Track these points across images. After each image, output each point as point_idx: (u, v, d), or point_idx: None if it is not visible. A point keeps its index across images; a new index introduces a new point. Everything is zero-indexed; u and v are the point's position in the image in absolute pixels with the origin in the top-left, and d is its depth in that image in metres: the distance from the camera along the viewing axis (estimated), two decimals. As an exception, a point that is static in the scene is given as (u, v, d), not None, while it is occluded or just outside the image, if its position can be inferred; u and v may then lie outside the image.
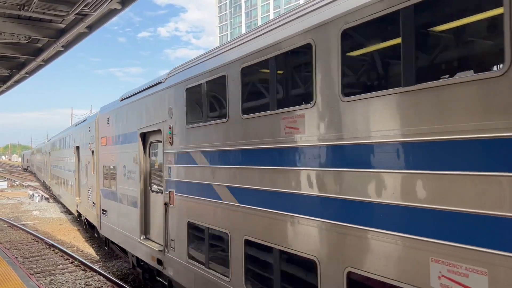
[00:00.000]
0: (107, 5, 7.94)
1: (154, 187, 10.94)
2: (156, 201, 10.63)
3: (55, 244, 18.86)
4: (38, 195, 37.51)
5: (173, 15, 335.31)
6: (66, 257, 16.93)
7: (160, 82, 10.42)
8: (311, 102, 5.22)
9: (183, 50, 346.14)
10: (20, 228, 23.24)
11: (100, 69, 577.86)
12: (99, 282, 13.67)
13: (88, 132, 18.48)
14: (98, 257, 17.42)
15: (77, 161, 22.23)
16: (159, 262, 10.18)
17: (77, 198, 22.24)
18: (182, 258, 9.02)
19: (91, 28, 10.05)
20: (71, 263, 16.10)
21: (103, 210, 15.38)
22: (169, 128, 9.53)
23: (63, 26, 9.94)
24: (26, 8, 7.98)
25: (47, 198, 37.43)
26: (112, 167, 14.05)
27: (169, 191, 9.59)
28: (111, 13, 8.98)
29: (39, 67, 13.45)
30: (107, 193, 14.77)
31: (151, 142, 11.11)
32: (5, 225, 24.60)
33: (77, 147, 22.08)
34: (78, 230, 23.34)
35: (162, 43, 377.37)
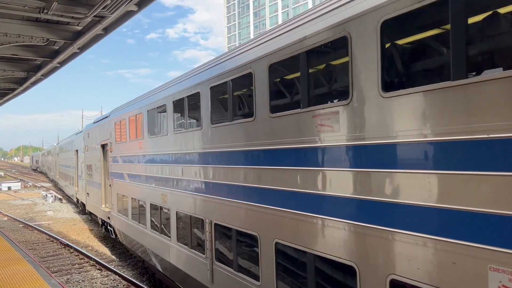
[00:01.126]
0: (124, 7, 8.03)
1: (108, 176, 18.24)
2: (114, 184, 17.50)
3: (70, 244, 19.09)
4: (51, 196, 37.94)
5: (181, 16, 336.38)
6: (81, 256, 17.12)
7: (107, 116, 18.29)
8: (252, 116, 7.10)
9: (192, 51, 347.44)
10: (35, 228, 23.54)
11: (110, 70, 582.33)
12: (114, 281, 13.81)
13: (82, 141, 25.49)
14: (113, 257, 17.60)
15: (76, 161, 29.32)
16: (109, 218, 18.35)
17: (76, 188, 30.15)
18: (115, 212, 16.96)
19: (106, 30, 10.15)
20: (87, 262, 16.28)
21: (87, 193, 23.74)
22: (110, 143, 17.19)
23: (79, 28, 10.06)
24: (45, 11, 8.09)
25: (60, 199, 37.86)
26: (91, 165, 22.02)
27: (111, 178, 17.33)
28: (127, 15, 9.08)
29: (54, 69, 13.62)
30: (89, 181, 22.97)
31: (106, 150, 18.49)
32: (20, 226, 24.95)
33: (76, 151, 29.18)
34: (91, 230, 23.59)
35: (171, 44, 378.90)
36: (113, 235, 18.49)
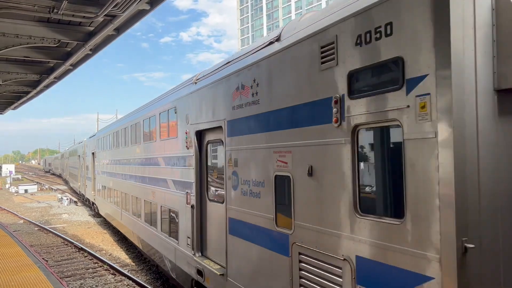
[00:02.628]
0: (136, 5, 7.77)
1: (95, 173, 27.12)
2: (96, 178, 26.73)
3: (84, 247, 18.95)
4: (67, 199, 38.17)
5: (195, 20, 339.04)
6: (95, 260, 16.94)
7: (94, 135, 29.30)
8: (155, 139, 12.29)
9: (205, 54, 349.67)
10: (50, 231, 23.54)
11: (125, 74, 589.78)
12: (128, 286, 13.56)
13: (82, 148, 35.73)
14: (126, 261, 17.40)
15: (79, 164, 37.96)
16: (94, 200, 28.18)
17: (79, 184, 39.47)
18: (98, 195, 26.31)
19: (119, 30, 9.94)
20: (100, 266, 16.08)
21: (86, 185, 32.55)
22: (95, 152, 26.89)
23: (91, 28, 9.87)
24: (55, 10, 7.88)
25: (75, 202, 38.06)
26: (88, 166, 30.78)
27: (96, 174, 26.67)
28: (140, 14, 8.83)
29: (67, 71, 13.50)
30: (87, 177, 31.50)
31: (94, 156, 27.39)
32: (36, 228, 25.01)
33: (79, 156, 38.66)
34: (106, 233, 23.49)
35: (184, 48, 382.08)
36: (96, 210, 27.87)
